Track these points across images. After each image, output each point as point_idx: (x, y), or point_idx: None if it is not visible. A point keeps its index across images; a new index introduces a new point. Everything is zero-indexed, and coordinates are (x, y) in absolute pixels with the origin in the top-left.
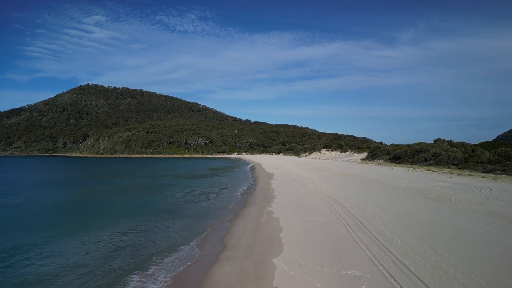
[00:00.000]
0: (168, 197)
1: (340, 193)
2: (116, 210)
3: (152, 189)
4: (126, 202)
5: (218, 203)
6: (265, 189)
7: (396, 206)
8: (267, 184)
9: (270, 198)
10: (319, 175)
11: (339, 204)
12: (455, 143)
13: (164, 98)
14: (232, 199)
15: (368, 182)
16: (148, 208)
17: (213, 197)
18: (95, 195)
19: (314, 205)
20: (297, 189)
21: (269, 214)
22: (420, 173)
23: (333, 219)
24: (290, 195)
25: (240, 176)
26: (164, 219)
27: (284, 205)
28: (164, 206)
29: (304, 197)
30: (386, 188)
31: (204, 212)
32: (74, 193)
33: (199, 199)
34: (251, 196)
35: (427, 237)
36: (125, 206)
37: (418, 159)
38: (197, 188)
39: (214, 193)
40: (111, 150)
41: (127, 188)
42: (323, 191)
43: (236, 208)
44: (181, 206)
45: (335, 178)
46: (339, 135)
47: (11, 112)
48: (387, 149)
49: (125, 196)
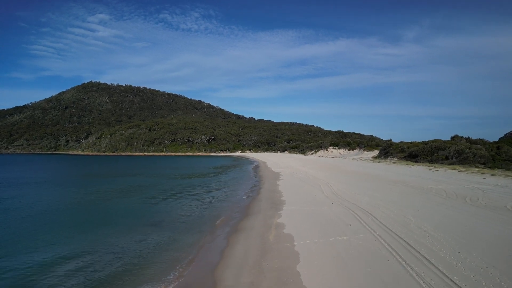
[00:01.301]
0: (157, 201)
1: (363, 198)
2: (96, 217)
3: (143, 191)
4: (111, 207)
5: (214, 210)
6: (272, 192)
7: (443, 217)
8: (274, 185)
9: (278, 204)
10: (331, 175)
11: (369, 214)
12: (474, 140)
13: (168, 96)
14: (231, 205)
15: (391, 184)
16: (131, 216)
17: (209, 201)
18: (82, 199)
19: (337, 216)
20: (310, 192)
21: (278, 229)
22: (445, 173)
23: (368, 239)
24: (302, 200)
25: (242, 176)
26: (142, 232)
27: (296, 214)
28: (150, 213)
29: (321, 204)
30: (417, 191)
31: (195, 222)
32: (57, 196)
33: (192, 203)
34: (255, 201)
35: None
36: (108, 213)
37: (438, 157)
38: (193, 190)
39: (211, 196)
40: (113, 148)
41: (115, 191)
42: (342, 196)
43: (236, 218)
44: (169, 213)
45: (351, 179)
46: (345, 132)
47: (14, 110)
48: (401, 146)
49: (111, 200)
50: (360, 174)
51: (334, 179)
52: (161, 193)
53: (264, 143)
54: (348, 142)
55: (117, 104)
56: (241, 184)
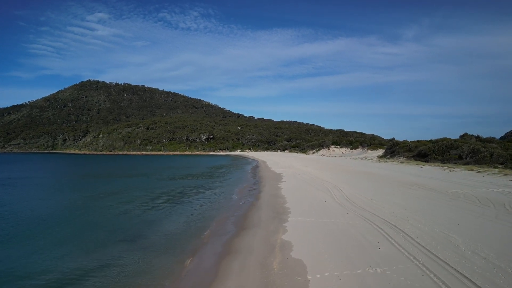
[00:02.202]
0: (142, 207)
1: (383, 206)
2: (64, 230)
3: (130, 195)
4: (87, 216)
5: (204, 220)
6: (273, 197)
7: (495, 235)
8: (275, 188)
9: (281, 213)
10: (338, 176)
11: (399, 231)
12: (485, 139)
13: (167, 95)
14: (226, 213)
15: (408, 187)
16: (106, 227)
17: (200, 207)
18: (58, 205)
19: (359, 233)
20: (318, 197)
21: (284, 250)
22: (462, 174)
23: (413, 273)
24: (310, 207)
25: (241, 177)
26: (108, 252)
27: (305, 228)
28: (129, 223)
29: (334, 213)
30: (442, 197)
31: (179, 237)
32: (29, 199)
33: (180, 211)
34: (254, 209)
35: None
36: (81, 223)
37: (450, 157)
38: (185, 194)
39: (204, 201)
40: (110, 147)
41: (100, 195)
42: (357, 202)
43: (229, 232)
44: (150, 224)
45: (361, 180)
46: (345, 131)
47: (12, 109)
48: (408, 145)
49: (89, 207)
50: (369, 175)
51: (342, 181)
52: (149, 197)
53: (264, 142)
54: (350, 141)
55: (116, 102)
56: (239, 186)
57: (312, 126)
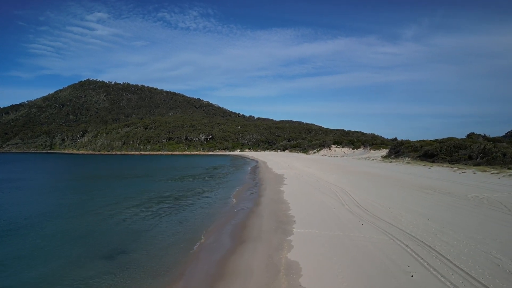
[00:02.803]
0: (131, 214)
1: (402, 214)
2: (43, 244)
3: (120, 198)
4: (71, 225)
5: (195, 230)
6: (275, 202)
7: None
8: (277, 192)
9: (285, 222)
10: (344, 178)
11: (429, 249)
12: (492, 138)
13: (166, 94)
14: (221, 221)
15: (421, 190)
16: (86, 240)
17: (193, 215)
18: (43, 211)
19: (381, 251)
20: (325, 203)
21: (290, 275)
22: (475, 175)
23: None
24: (317, 216)
25: (240, 178)
26: (81, 273)
27: (314, 244)
28: (112, 234)
29: (346, 224)
30: (462, 203)
31: (164, 252)
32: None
33: (171, 218)
34: (253, 217)
35: None
36: (62, 235)
37: (459, 157)
38: (178, 197)
39: (198, 207)
40: (108, 147)
41: (82, 200)
42: (370, 210)
43: (224, 246)
44: (135, 235)
45: (369, 183)
46: (346, 131)
47: (10, 108)
48: (413, 145)
49: (75, 216)
50: (377, 177)
51: (349, 183)
52: (138, 202)
53: (264, 142)
54: (352, 140)
55: (115, 102)
56: (237, 189)
57: (313, 126)
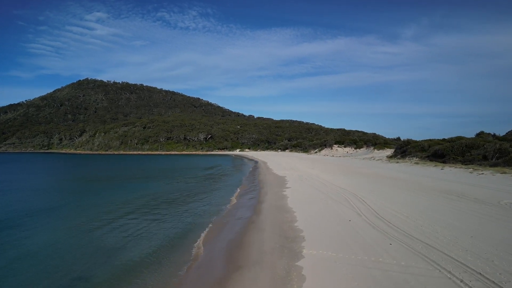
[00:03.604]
0: (110, 226)
1: (434, 228)
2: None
3: (91, 207)
4: (18, 240)
5: (179, 247)
6: (278, 211)
7: None
8: (279, 197)
9: (291, 239)
10: (353, 180)
11: (493, 286)
12: (502, 137)
13: (165, 93)
14: (212, 235)
15: (442, 196)
16: (29, 262)
17: (178, 224)
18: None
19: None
20: (338, 212)
21: None
22: (495, 177)
23: None
24: (331, 230)
25: (238, 180)
26: None
27: (334, 274)
28: (71, 253)
29: (370, 243)
30: (499, 212)
31: (132, 283)
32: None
33: (155, 231)
34: (252, 230)
35: None
36: (26, 253)
37: (473, 157)
38: (163, 202)
39: (187, 213)
40: (106, 147)
41: (53, 206)
42: (394, 221)
43: (214, 273)
44: (110, 253)
45: (383, 187)
46: (347, 130)
47: (9, 108)
48: (421, 145)
49: (27, 226)
50: (387, 179)
51: (360, 187)
52: (121, 210)
53: (264, 141)
54: (354, 140)
55: (113, 101)
56: (234, 193)
57: (313, 125)
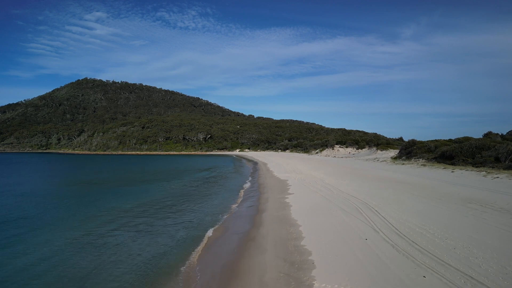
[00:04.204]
0: (72, 245)
1: (470, 249)
2: None
3: (68, 217)
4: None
5: (157, 275)
6: (280, 223)
7: None
8: (282, 206)
9: (298, 265)
10: (361, 185)
11: None
12: (509, 137)
13: (165, 93)
14: (200, 259)
15: (469, 206)
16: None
17: (162, 241)
18: None
19: None
20: (351, 227)
21: None
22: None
23: None
24: (347, 254)
25: (235, 184)
26: None
27: None
28: (33, 278)
29: (397, 274)
30: None
31: None
32: None
33: (121, 251)
34: (250, 250)
35: None
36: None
37: (484, 159)
38: (148, 211)
39: (173, 226)
40: (104, 147)
41: (21, 216)
42: (422, 243)
43: None
44: (67, 284)
45: (396, 193)
46: (348, 130)
47: (7, 107)
48: (427, 145)
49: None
50: (396, 183)
51: (369, 194)
52: (100, 222)
53: (264, 141)
54: (356, 140)
55: (112, 101)
56: (232, 199)
57: (313, 125)
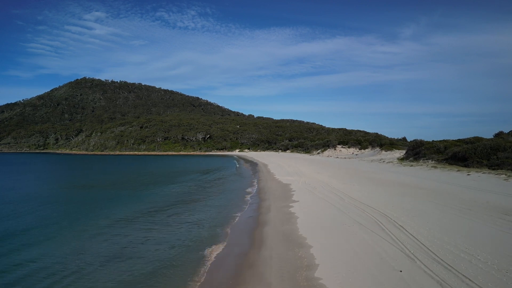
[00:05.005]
0: (41, 261)
1: None
2: None
3: (44, 226)
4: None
5: None
6: (287, 244)
7: None
8: (286, 218)
9: None
10: (374, 191)
11: None
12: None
13: (164, 92)
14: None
15: (498, 217)
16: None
17: (138, 268)
18: None
19: None
20: (376, 251)
21: None
22: None
23: None
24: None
25: (233, 189)
26: None
27: None
28: None
29: None
30: None
31: None
32: None
33: (93, 279)
34: (251, 284)
35: None
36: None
37: (501, 161)
38: (134, 227)
39: (160, 249)
40: (102, 147)
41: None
42: (478, 278)
43: None
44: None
45: (416, 202)
46: (349, 130)
47: (5, 107)
48: (436, 146)
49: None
50: (413, 189)
51: (387, 202)
52: (76, 233)
53: (264, 142)
54: (359, 140)
55: (111, 101)
56: (228, 209)
57: (314, 125)
